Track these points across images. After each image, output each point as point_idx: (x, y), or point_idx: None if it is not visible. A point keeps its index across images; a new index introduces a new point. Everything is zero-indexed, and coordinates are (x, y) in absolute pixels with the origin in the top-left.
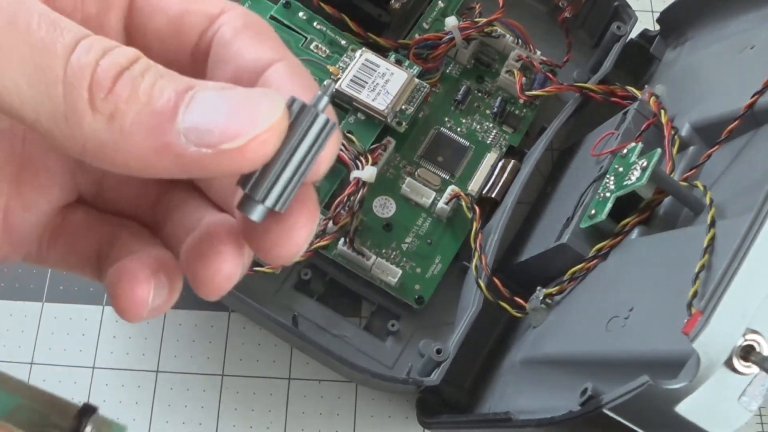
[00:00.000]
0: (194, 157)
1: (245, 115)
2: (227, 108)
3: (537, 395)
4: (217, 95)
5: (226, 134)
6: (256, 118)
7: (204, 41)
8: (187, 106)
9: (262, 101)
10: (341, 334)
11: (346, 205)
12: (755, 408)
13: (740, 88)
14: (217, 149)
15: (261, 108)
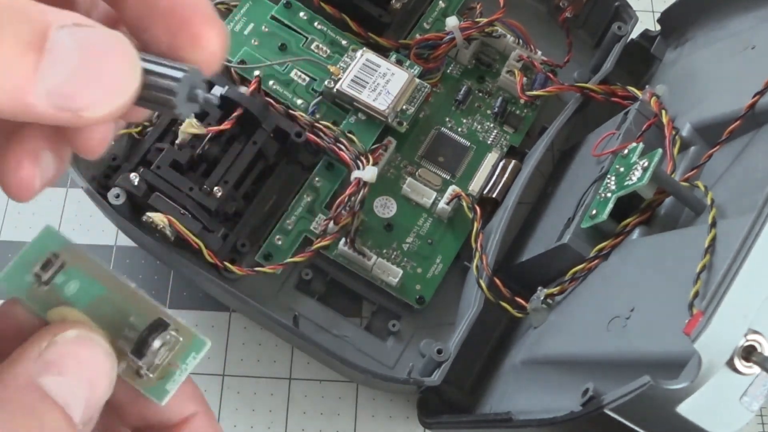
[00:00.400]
0: (55, 116)
1: (104, 83)
2: (85, 70)
3: (538, 395)
4: (75, 47)
5: (86, 103)
6: (115, 88)
7: None
8: (44, 62)
9: (119, 62)
10: (342, 334)
11: (347, 205)
12: (756, 408)
13: (741, 89)
14: (76, 114)
15: (119, 72)
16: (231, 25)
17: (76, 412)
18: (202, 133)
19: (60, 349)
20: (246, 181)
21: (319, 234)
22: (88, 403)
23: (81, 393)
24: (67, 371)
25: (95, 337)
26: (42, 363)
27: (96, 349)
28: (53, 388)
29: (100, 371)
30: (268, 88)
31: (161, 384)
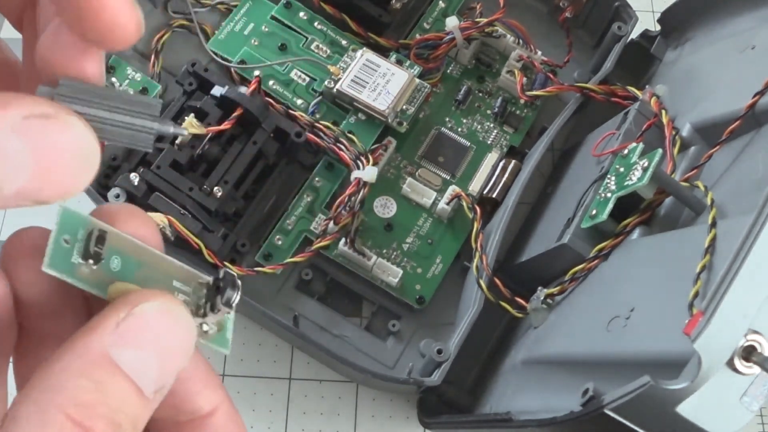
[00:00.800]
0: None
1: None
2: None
3: (538, 395)
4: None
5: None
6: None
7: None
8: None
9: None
10: (342, 334)
11: (347, 205)
12: (757, 408)
13: (741, 89)
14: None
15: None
16: (231, 25)
17: (146, 383)
18: (202, 133)
19: (138, 321)
20: (246, 181)
21: (319, 234)
22: (162, 373)
23: (155, 364)
24: (143, 344)
25: (178, 308)
26: (118, 334)
27: (177, 322)
28: (126, 361)
29: (179, 344)
30: (268, 88)
31: (221, 335)
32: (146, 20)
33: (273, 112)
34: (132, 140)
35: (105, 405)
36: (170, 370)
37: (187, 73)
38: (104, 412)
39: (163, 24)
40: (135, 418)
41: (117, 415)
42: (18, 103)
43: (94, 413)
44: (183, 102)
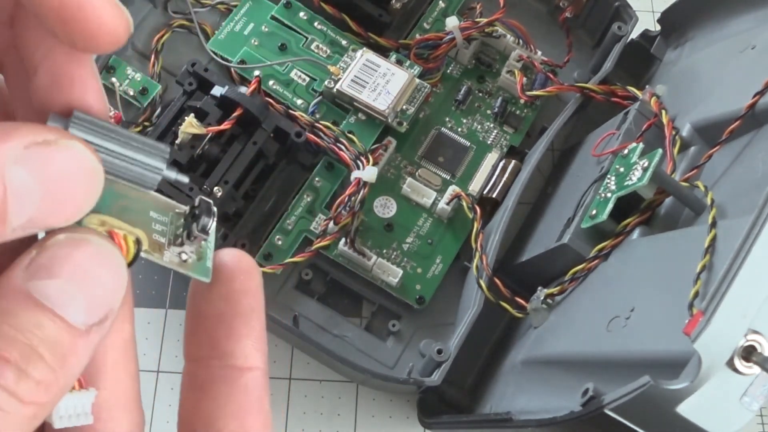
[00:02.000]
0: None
1: (69, 203)
2: (50, 200)
3: (538, 395)
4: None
5: (53, 223)
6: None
7: None
8: (9, 209)
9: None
10: (342, 334)
11: (347, 205)
12: (757, 408)
13: (741, 89)
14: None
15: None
16: (231, 25)
17: (72, 312)
18: (202, 133)
19: (50, 253)
20: (246, 181)
21: (319, 234)
22: (91, 303)
23: (77, 292)
24: (59, 273)
25: (91, 237)
26: (32, 269)
27: (91, 248)
28: (41, 291)
29: (100, 269)
30: (268, 88)
31: (201, 264)
32: (146, 20)
33: (273, 112)
34: (139, 177)
35: (16, 331)
36: (101, 298)
37: (187, 73)
38: (12, 335)
39: (163, 24)
40: (61, 349)
41: (32, 341)
42: (18, 133)
43: (2, 336)
44: (183, 102)
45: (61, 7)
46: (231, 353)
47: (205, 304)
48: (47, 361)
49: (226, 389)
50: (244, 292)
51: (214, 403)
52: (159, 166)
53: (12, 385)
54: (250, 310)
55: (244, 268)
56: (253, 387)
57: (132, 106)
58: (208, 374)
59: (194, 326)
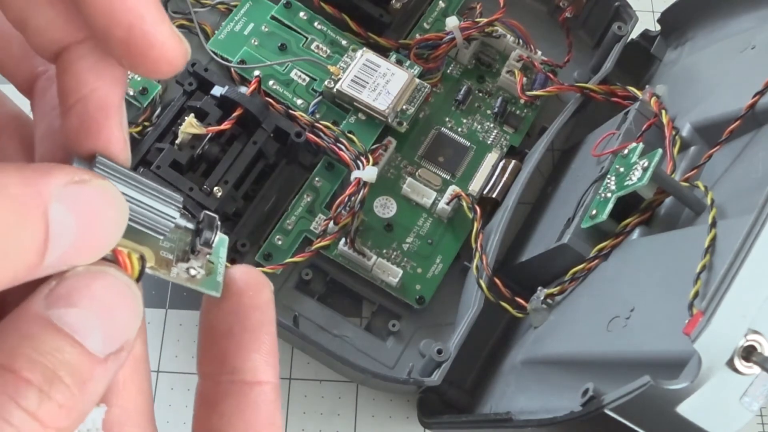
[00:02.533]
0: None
1: (95, 240)
2: (82, 235)
3: (538, 395)
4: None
5: (81, 260)
6: (105, 241)
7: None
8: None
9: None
10: (342, 334)
11: (347, 205)
12: (757, 408)
13: (741, 88)
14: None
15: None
16: (231, 25)
17: (90, 339)
18: (202, 133)
19: (70, 283)
20: (246, 181)
21: (319, 234)
22: (108, 331)
23: (95, 321)
24: (78, 303)
25: (106, 268)
26: (52, 298)
27: (108, 279)
28: (60, 318)
29: (117, 300)
30: (268, 88)
31: (211, 278)
32: None
33: (273, 112)
34: (153, 223)
35: (30, 349)
36: (118, 327)
37: (187, 73)
38: (29, 354)
39: None
40: (81, 374)
41: (53, 364)
42: (59, 172)
43: (19, 355)
44: (183, 102)
45: (127, 38)
46: (240, 368)
47: (214, 319)
48: (68, 385)
49: (235, 405)
50: (253, 307)
51: (223, 419)
52: (173, 215)
53: (34, 408)
54: (259, 325)
55: (253, 283)
56: (263, 402)
57: (132, 106)
58: (217, 390)
59: (206, 342)
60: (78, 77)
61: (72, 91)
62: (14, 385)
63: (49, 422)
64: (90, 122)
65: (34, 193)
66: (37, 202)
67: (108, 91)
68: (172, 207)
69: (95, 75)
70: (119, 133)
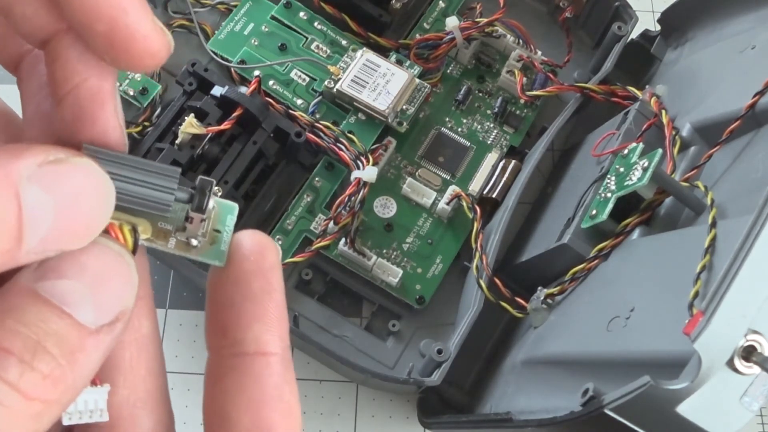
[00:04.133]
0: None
1: (81, 223)
2: (63, 216)
3: (538, 395)
4: (48, 197)
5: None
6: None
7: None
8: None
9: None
10: (342, 334)
11: (347, 205)
12: (757, 408)
13: (741, 89)
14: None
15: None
16: (231, 25)
17: (80, 310)
18: (202, 133)
19: (60, 256)
20: (246, 181)
21: (319, 234)
22: (100, 302)
23: (85, 292)
24: (66, 274)
25: (100, 239)
26: (40, 270)
27: (100, 249)
28: (48, 290)
29: (108, 270)
30: (268, 88)
31: (215, 248)
32: None
33: (273, 112)
34: (151, 199)
35: (19, 323)
36: (110, 298)
37: (187, 73)
38: (16, 328)
39: (163, 24)
40: (69, 345)
41: (37, 335)
42: (31, 152)
43: (3, 328)
44: (183, 102)
45: (110, 31)
46: (241, 340)
47: (217, 289)
48: (54, 355)
49: (238, 379)
50: (255, 273)
51: (226, 395)
52: (171, 186)
53: (14, 379)
54: (261, 292)
55: (257, 248)
56: (268, 375)
57: (132, 106)
58: (220, 364)
59: (210, 314)
60: (68, 67)
61: (63, 82)
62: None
63: (32, 393)
64: (84, 113)
65: (2, 175)
66: (6, 184)
67: (100, 79)
68: (169, 179)
69: (85, 64)
70: (115, 121)
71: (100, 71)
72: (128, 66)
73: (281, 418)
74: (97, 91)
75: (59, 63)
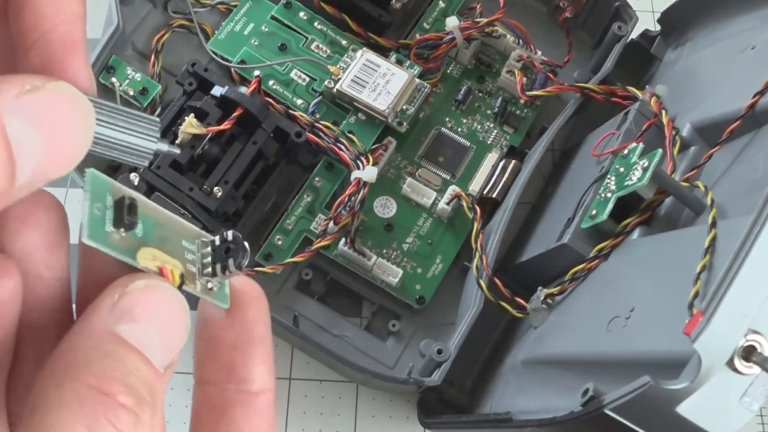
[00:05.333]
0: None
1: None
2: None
3: (538, 395)
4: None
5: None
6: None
7: None
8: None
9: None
10: (342, 334)
11: (347, 205)
12: (757, 408)
13: (741, 89)
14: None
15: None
16: (231, 25)
17: (154, 355)
18: (202, 133)
19: (132, 298)
20: (246, 181)
21: (319, 234)
22: (166, 346)
23: (157, 336)
24: (140, 318)
25: (162, 283)
26: (116, 313)
27: (166, 294)
28: (129, 334)
29: (173, 315)
30: (268, 88)
31: (221, 291)
32: (146, 20)
33: (273, 112)
34: (133, 146)
35: (119, 371)
36: (174, 341)
37: (187, 73)
38: (119, 377)
39: (163, 24)
40: (150, 387)
41: (132, 381)
42: (6, 84)
43: (111, 378)
44: (183, 102)
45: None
46: (246, 378)
47: (220, 331)
48: (150, 404)
49: (243, 412)
50: (257, 321)
51: (232, 425)
52: (153, 134)
53: (128, 429)
54: (261, 338)
55: (255, 296)
56: (267, 409)
57: (132, 106)
58: (224, 398)
59: (209, 351)
60: (37, 13)
61: (31, 29)
62: (113, 410)
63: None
64: (53, 59)
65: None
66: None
67: (69, 26)
68: (151, 127)
69: (55, 10)
70: (86, 69)
71: (70, 17)
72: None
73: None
74: (67, 38)
75: (27, 10)
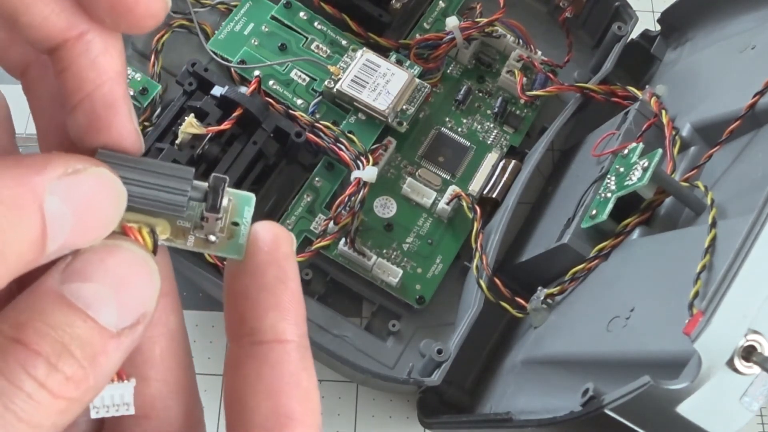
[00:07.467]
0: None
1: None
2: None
3: (538, 395)
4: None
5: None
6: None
7: None
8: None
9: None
10: (342, 334)
11: (347, 205)
12: (757, 408)
13: (741, 89)
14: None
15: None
16: (231, 25)
17: (102, 314)
18: (202, 133)
19: (85, 258)
20: (246, 181)
21: (319, 234)
22: (123, 305)
23: (107, 295)
24: (92, 277)
25: (124, 243)
26: (66, 273)
27: (124, 254)
28: (75, 293)
29: (132, 274)
30: (268, 88)
31: (233, 242)
32: None
33: (273, 112)
34: (166, 201)
35: (47, 326)
36: (132, 301)
37: (187, 73)
38: (45, 331)
39: (163, 24)
40: (92, 348)
41: (64, 339)
42: (52, 165)
43: (33, 331)
44: (183, 102)
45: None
46: (258, 328)
47: (233, 280)
48: (77, 358)
49: (256, 367)
50: (269, 263)
51: (245, 382)
52: (184, 188)
53: (42, 377)
54: (276, 282)
55: (270, 238)
56: (285, 362)
57: None
58: (239, 353)
59: (227, 306)
60: (80, 75)
61: (76, 90)
62: (24, 356)
63: (57, 392)
64: (99, 120)
65: (28, 192)
66: (32, 199)
67: (112, 85)
68: (182, 181)
69: (97, 71)
70: (130, 125)
71: (112, 77)
72: (129, 27)
73: (299, 404)
74: (111, 97)
75: (71, 72)
